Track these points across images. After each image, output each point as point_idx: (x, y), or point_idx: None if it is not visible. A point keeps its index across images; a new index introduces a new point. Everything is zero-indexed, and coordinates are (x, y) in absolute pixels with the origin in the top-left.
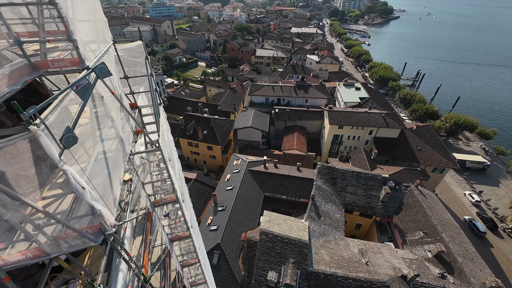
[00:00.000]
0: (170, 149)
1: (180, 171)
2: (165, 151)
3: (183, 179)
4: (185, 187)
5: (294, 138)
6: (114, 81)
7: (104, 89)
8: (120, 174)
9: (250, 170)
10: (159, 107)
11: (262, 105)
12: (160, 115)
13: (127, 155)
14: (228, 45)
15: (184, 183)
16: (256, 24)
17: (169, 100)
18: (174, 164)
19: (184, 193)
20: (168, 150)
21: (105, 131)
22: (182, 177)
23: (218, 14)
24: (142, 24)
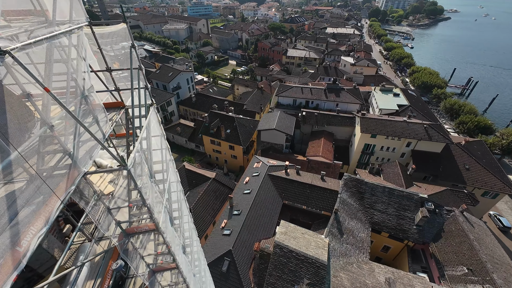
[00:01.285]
0: (165, 163)
1: (178, 183)
2: (143, 168)
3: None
4: (183, 203)
5: (320, 144)
6: (81, 74)
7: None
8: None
9: (270, 174)
10: (150, 108)
11: (289, 107)
12: (145, 117)
13: (78, 175)
14: (259, 44)
15: (182, 199)
16: (290, 23)
17: (197, 97)
18: (166, 180)
19: (182, 209)
20: (150, 165)
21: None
22: (180, 191)
23: (253, 14)
24: (179, 23)
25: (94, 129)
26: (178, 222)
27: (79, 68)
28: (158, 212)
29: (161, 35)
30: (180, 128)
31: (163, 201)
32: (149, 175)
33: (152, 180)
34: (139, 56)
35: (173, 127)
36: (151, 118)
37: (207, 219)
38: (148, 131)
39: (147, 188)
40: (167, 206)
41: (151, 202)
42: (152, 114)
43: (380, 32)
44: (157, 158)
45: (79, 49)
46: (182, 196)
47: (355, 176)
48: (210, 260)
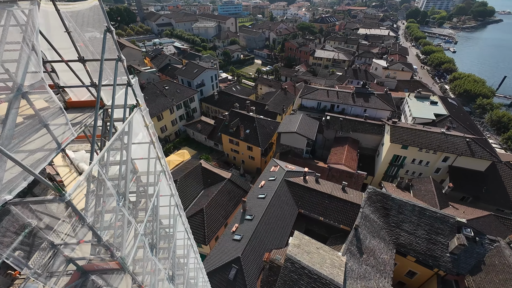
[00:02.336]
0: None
1: (173, 197)
2: (105, 189)
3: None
4: (178, 219)
5: (343, 151)
6: (25, 64)
7: None
8: None
9: (287, 180)
10: (136, 109)
11: (313, 110)
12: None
13: None
14: (287, 44)
15: (177, 214)
16: (320, 23)
17: (219, 95)
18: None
19: (177, 225)
20: (122, 183)
21: None
22: (175, 205)
23: (282, 13)
24: (209, 21)
25: (46, 139)
26: (168, 244)
27: (22, 55)
28: (129, 246)
29: (191, 32)
30: (201, 125)
31: (139, 229)
32: (118, 198)
33: (122, 204)
34: (117, 43)
35: (194, 123)
36: (134, 123)
37: (219, 221)
38: (128, 138)
39: (111, 216)
40: (152, 228)
41: (115, 236)
42: (135, 118)
43: (418, 35)
44: (143, 168)
45: (27, 28)
46: (177, 211)
47: (380, 190)
48: (217, 265)
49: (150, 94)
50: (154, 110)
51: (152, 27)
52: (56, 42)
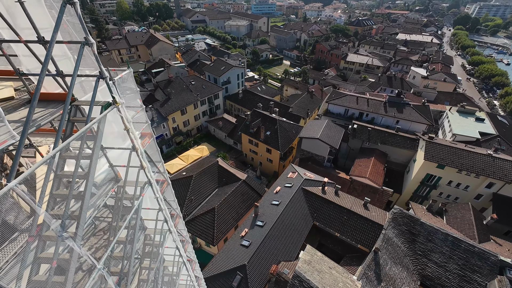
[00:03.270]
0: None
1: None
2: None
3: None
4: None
5: (369, 164)
6: None
7: None
8: None
9: (304, 189)
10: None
11: (339, 117)
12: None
13: None
14: (318, 46)
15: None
16: (355, 26)
17: (244, 93)
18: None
19: (166, 242)
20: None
21: None
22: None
23: (316, 14)
24: (241, 19)
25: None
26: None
27: None
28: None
29: (223, 30)
30: (222, 123)
31: (99, 264)
32: (60, 226)
33: (65, 236)
34: (83, 21)
35: (216, 120)
36: (111, 124)
37: (230, 222)
38: (96, 142)
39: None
40: (124, 253)
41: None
42: (111, 118)
43: (466, 43)
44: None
45: None
46: (167, 226)
47: (407, 212)
48: (221, 270)
49: (176, 88)
50: (178, 104)
51: (187, 23)
52: (23, 19)
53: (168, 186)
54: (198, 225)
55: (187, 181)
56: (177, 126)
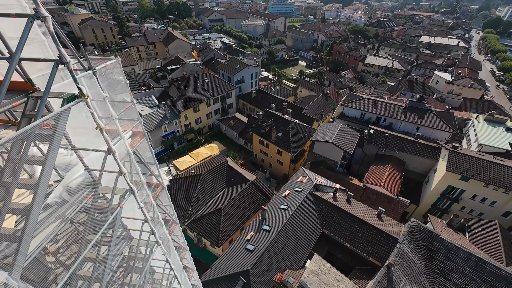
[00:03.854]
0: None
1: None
2: None
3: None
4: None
5: (385, 171)
6: None
7: None
8: None
9: (314, 194)
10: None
11: (355, 121)
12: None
13: None
14: (335, 47)
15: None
16: (376, 27)
17: (257, 93)
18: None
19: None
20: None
21: None
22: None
23: (335, 15)
24: (258, 19)
25: None
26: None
27: None
28: None
29: (240, 29)
30: (234, 122)
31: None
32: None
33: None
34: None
35: (228, 119)
36: (77, 121)
37: (236, 224)
38: (53, 142)
39: None
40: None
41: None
42: (75, 112)
43: (497, 47)
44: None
45: None
46: (155, 238)
47: (425, 226)
48: (224, 273)
49: (190, 85)
50: (191, 101)
51: (205, 22)
52: None
53: (162, 190)
54: (203, 224)
55: (195, 179)
56: (189, 123)
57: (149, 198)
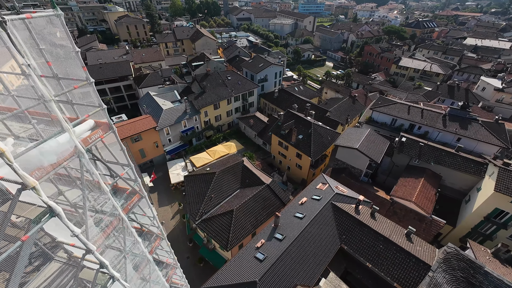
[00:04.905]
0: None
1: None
2: None
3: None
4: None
5: (417, 185)
6: None
7: None
8: None
9: (334, 204)
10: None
11: (384, 127)
12: None
13: None
14: (367, 47)
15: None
16: (413, 28)
17: (280, 93)
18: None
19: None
20: None
21: None
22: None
23: (369, 15)
24: (287, 18)
25: None
26: None
27: None
28: None
29: (267, 28)
30: (254, 121)
31: None
32: None
33: None
34: None
35: (248, 118)
36: None
37: (247, 228)
38: None
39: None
40: None
41: None
42: None
43: None
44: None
45: None
46: (108, 271)
47: (465, 254)
48: (230, 282)
49: (212, 82)
50: (212, 98)
51: (233, 20)
52: None
53: (141, 199)
54: (214, 225)
55: (210, 177)
56: (208, 120)
57: (118, 211)
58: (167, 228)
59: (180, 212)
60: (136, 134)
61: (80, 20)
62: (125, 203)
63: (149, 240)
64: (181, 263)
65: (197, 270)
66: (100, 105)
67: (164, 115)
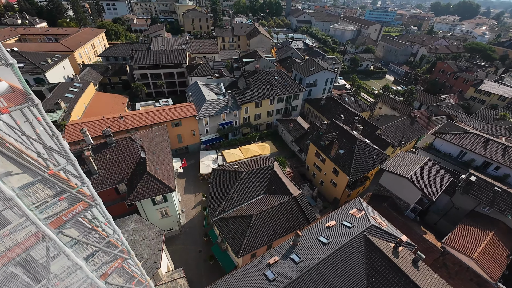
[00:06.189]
0: None
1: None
2: None
3: None
4: None
5: (483, 239)
6: None
7: None
8: None
9: (367, 237)
10: None
11: (448, 158)
12: None
13: None
14: (439, 64)
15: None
16: (506, 48)
17: (327, 100)
18: None
19: None
20: None
21: None
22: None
23: (448, 28)
24: (350, 24)
25: None
26: None
27: None
28: None
29: (326, 33)
30: (293, 125)
31: None
32: None
33: None
34: None
35: (288, 121)
36: None
37: (263, 239)
38: None
39: None
40: None
41: None
42: None
43: None
44: None
45: None
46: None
47: None
48: None
49: (258, 79)
50: (255, 95)
51: (292, 22)
52: None
53: (87, 208)
54: (230, 226)
55: (236, 175)
56: (248, 117)
57: (36, 223)
58: (186, 216)
59: (202, 204)
60: (177, 120)
61: (155, 10)
62: (58, 213)
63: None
64: (192, 256)
65: (206, 266)
66: (4, 58)
67: (206, 105)
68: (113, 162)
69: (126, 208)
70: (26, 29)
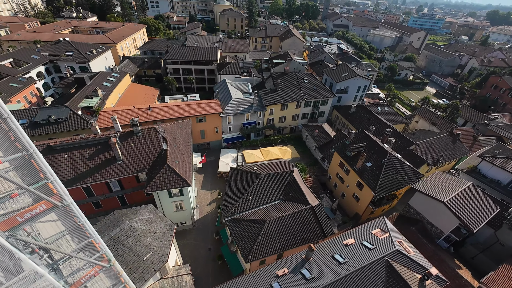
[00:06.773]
0: None
1: None
2: None
3: None
4: None
5: None
6: None
7: None
8: None
9: (389, 263)
10: None
11: (494, 185)
12: None
13: None
14: (492, 79)
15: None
16: None
17: (357, 109)
18: None
19: None
20: None
21: None
22: None
23: (506, 39)
24: (390, 30)
25: None
26: None
27: None
28: None
29: (363, 38)
30: (319, 132)
31: None
32: None
33: None
34: None
35: (313, 127)
36: None
37: (275, 247)
38: None
39: None
40: None
41: None
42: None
43: None
44: None
45: None
46: None
47: None
48: None
49: (287, 81)
50: (282, 97)
51: (328, 26)
52: None
53: (51, 210)
54: (241, 229)
55: (253, 177)
56: (272, 118)
57: None
58: (201, 212)
59: (217, 201)
60: (202, 115)
61: (194, 8)
62: (10, 213)
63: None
64: (201, 253)
65: (214, 266)
66: None
67: (231, 103)
68: (136, 151)
69: (145, 197)
70: (79, 22)
